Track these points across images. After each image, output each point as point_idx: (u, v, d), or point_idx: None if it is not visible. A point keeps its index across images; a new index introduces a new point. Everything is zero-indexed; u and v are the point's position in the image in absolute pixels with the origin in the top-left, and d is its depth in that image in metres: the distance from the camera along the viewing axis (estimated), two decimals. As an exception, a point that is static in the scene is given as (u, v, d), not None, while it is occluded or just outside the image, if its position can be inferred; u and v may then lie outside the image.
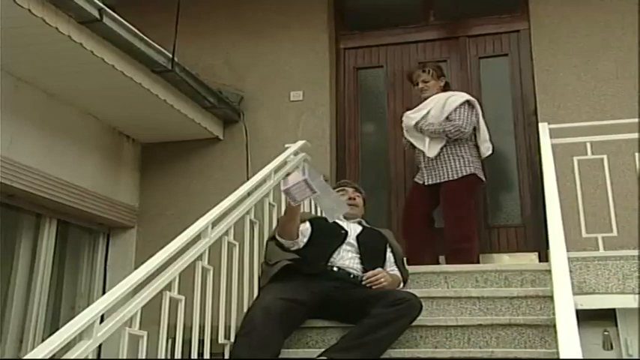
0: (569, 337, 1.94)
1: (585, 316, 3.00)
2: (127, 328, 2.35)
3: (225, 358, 3.00)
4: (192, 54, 4.91)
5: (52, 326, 4.25)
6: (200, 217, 2.98)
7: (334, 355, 2.80)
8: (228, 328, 3.05)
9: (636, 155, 3.59)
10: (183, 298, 2.65)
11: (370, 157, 5.08)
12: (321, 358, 2.82)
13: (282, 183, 2.92)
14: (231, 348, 2.93)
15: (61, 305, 4.53)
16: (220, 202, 3.14)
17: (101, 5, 3.57)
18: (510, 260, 4.54)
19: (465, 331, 3.03)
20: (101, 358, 4.06)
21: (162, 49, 4.14)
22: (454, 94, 4.33)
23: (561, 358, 1.88)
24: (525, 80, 4.89)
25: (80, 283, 4.73)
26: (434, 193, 4.19)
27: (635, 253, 3.38)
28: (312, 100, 5.04)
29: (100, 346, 2.62)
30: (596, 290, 3.33)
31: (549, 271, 2.95)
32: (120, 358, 2.28)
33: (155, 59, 4.09)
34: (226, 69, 5.25)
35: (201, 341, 2.84)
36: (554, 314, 2.53)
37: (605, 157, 3.64)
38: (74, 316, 2.19)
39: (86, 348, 2.14)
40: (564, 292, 2.25)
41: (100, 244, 4.93)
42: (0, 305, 4.01)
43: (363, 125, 5.20)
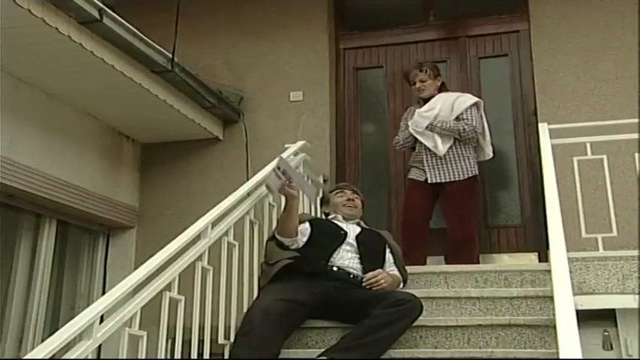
0: (569, 337, 1.94)
1: (585, 317, 3.00)
2: (127, 328, 2.35)
3: (225, 358, 3.00)
4: (192, 54, 4.91)
5: (52, 326, 4.25)
6: (200, 217, 2.98)
7: (334, 355, 2.80)
8: (227, 328, 3.05)
9: (636, 155, 3.59)
10: (183, 298, 2.66)
11: (370, 157, 5.08)
12: (322, 358, 2.82)
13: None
14: (231, 348, 2.93)
15: (61, 305, 4.52)
16: (220, 202, 3.14)
17: (101, 5, 3.57)
18: (510, 260, 4.53)
19: (465, 332, 3.03)
20: (101, 358, 4.06)
21: (162, 49, 4.15)
22: (461, 94, 4.33)
23: (561, 358, 1.88)
24: (525, 80, 4.89)
25: (80, 283, 4.73)
26: (434, 191, 4.18)
27: (635, 253, 3.38)
28: (312, 101, 5.04)
29: (100, 347, 2.62)
30: (596, 290, 3.33)
31: (549, 272, 2.94)
32: (120, 358, 2.28)
33: (155, 59, 4.10)
34: (226, 69, 5.25)
35: (201, 341, 2.84)
36: (554, 314, 2.53)
37: (605, 157, 3.64)
38: (74, 317, 2.20)
39: (86, 348, 2.14)
40: (564, 293, 2.25)
41: (100, 244, 4.93)
42: (0, 305, 4.01)
43: (363, 125, 5.20)
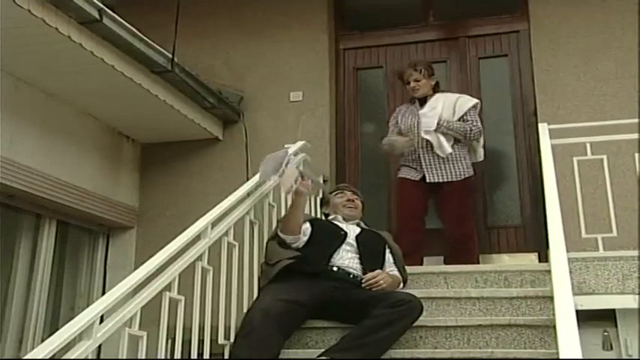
0: (568, 337, 1.95)
1: (585, 317, 3.00)
2: (127, 328, 2.35)
3: (225, 358, 3.00)
4: (192, 54, 4.91)
5: (52, 326, 4.24)
6: (200, 217, 2.98)
7: (335, 355, 2.80)
8: (227, 328, 3.05)
9: (636, 156, 3.59)
10: (182, 298, 2.66)
11: (370, 157, 5.07)
12: (322, 358, 2.82)
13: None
14: (231, 349, 2.93)
15: (61, 305, 4.52)
16: (220, 202, 3.14)
17: (101, 6, 3.57)
18: (510, 261, 4.53)
19: (465, 332, 3.03)
20: (101, 358, 4.05)
21: (162, 49, 4.14)
22: (461, 95, 4.33)
23: (561, 358, 1.88)
24: (525, 81, 4.89)
25: (80, 283, 4.73)
26: (428, 191, 4.15)
27: (635, 253, 3.38)
28: (312, 101, 5.04)
29: (100, 347, 2.62)
30: (596, 291, 3.33)
31: (549, 272, 2.95)
32: (120, 358, 2.28)
33: (155, 59, 4.09)
34: (226, 69, 5.25)
35: (201, 341, 2.84)
36: (553, 315, 2.54)
37: (605, 157, 3.64)
38: (74, 317, 2.19)
39: (86, 348, 2.14)
40: (564, 293, 2.25)
41: (100, 244, 4.93)
42: (0, 305, 4.01)
43: (362, 125, 5.20)
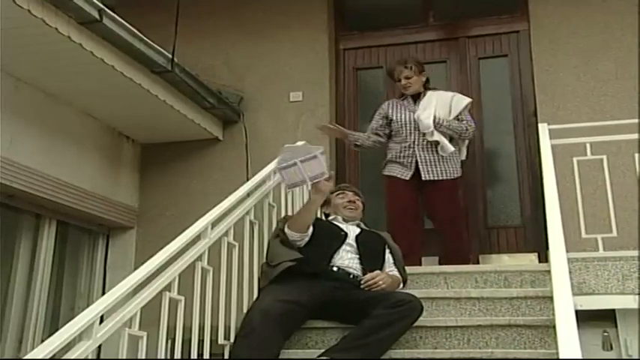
0: (568, 337, 1.95)
1: (585, 317, 3.00)
2: (127, 328, 2.35)
3: (225, 358, 3.00)
4: (192, 54, 4.91)
5: (52, 327, 4.25)
6: (200, 217, 2.98)
7: (335, 356, 2.80)
8: (227, 328, 3.05)
9: (636, 156, 3.59)
10: (182, 298, 2.66)
11: (370, 157, 5.07)
12: (322, 358, 2.82)
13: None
14: (231, 349, 2.93)
15: (61, 306, 4.52)
16: (220, 202, 3.14)
17: (101, 6, 3.57)
18: (510, 261, 4.53)
19: (465, 332, 3.03)
20: (101, 358, 4.05)
21: (162, 49, 4.15)
22: (455, 94, 4.30)
23: (561, 358, 1.88)
24: (525, 81, 4.89)
25: (80, 283, 4.73)
26: (418, 189, 4.10)
27: (635, 253, 3.38)
28: (312, 101, 5.04)
29: (100, 347, 2.62)
30: (596, 291, 3.33)
31: (549, 272, 2.94)
32: (119, 358, 2.28)
33: (155, 60, 4.10)
34: (226, 69, 5.25)
35: (201, 341, 2.84)
36: (553, 315, 2.53)
37: (605, 157, 3.64)
38: (74, 317, 2.20)
39: (86, 348, 2.14)
40: (564, 293, 2.25)
41: (100, 244, 4.93)
42: (0, 305, 4.01)
43: (362, 126, 5.18)
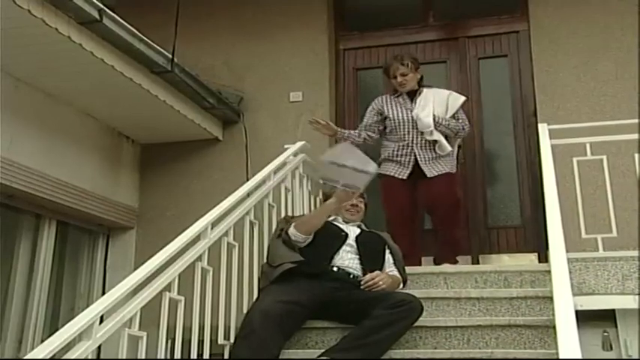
0: (568, 337, 1.94)
1: (585, 317, 3.00)
2: (127, 328, 2.35)
3: (225, 358, 3.00)
4: (192, 55, 4.91)
5: (52, 327, 4.25)
6: (200, 217, 2.98)
7: (335, 356, 2.80)
8: (227, 328, 3.05)
9: (636, 156, 3.59)
10: (182, 298, 2.66)
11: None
12: (322, 358, 2.82)
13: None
14: (231, 349, 2.93)
15: (61, 306, 4.52)
16: (220, 202, 3.14)
17: (101, 6, 3.57)
18: (510, 261, 4.54)
19: (465, 332, 3.03)
20: (101, 358, 4.05)
21: (162, 49, 4.15)
22: (451, 92, 4.24)
23: (561, 358, 1.88)
24: (525, 81, 4.89)
25: (80, 283, 4.73)
26: (414, 188, 4.06)
27: (635, 253, 3.38)
28: (312, 101, 5.04)
29: (100, 347, 2.62)
30: (596, 291, 3.33)
31: (549, 272, 2.94)
32: (119, 358, 2.28)
33: (155, 60, 4.10)
34: (226, 70, 5.25)
35: (201, 342, 2.84)
36: (553, 315, 2.54)
37: (605, 157, 3.64)
38: (74, 317, 2.19)
39: (86, 349, 2.14)
40: (564, 293, 2.25)
41: (100, 244, 4.93)
42: (0, 305, 4.01)
43: (362, 126, 5.19)
